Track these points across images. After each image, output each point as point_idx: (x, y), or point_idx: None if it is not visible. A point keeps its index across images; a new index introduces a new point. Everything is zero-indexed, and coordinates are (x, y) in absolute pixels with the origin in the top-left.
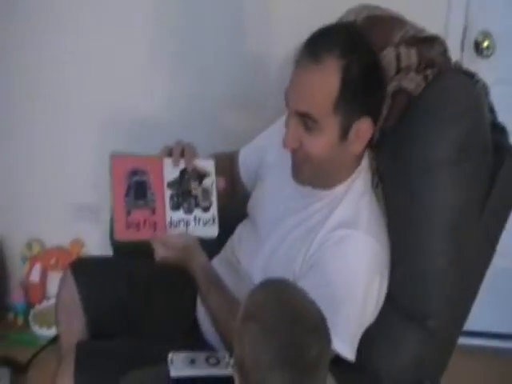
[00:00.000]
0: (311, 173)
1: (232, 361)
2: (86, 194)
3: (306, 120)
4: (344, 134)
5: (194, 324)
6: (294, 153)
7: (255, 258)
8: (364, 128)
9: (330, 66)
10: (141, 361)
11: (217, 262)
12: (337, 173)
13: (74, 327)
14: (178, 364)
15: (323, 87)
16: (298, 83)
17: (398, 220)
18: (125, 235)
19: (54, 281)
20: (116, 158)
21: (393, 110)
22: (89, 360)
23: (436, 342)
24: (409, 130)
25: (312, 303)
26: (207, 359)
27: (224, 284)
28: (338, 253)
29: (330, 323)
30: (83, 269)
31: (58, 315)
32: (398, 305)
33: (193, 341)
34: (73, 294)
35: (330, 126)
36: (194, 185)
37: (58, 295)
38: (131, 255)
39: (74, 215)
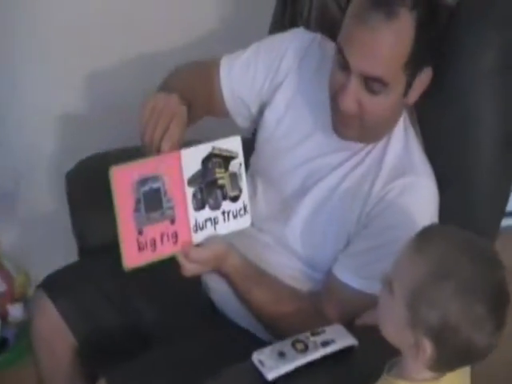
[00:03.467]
0: (363, 130)
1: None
2: None
3: (373, 83)
4: (407, 89)
5: (208, 308)
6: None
7: (287, 222)
8: (425, 78)
9: (405, 22)
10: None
11: None
12: (388, 126)
13: (59, 354)
14: (270, 363)
15: (399, 48)
16: (368, 44)
17: (439, 139)
18: (138, 260)
19: None
20: (118, 170)
21: None
22: None
23: None
24: (452, 42)
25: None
26: (293, 346)
27: (264, 274)
28: (402, 204)
29: None
30: (59, 286)
31: (35, 347)
32: None
33: (218, 326)
34: (53, 319)
35: (398, 85)
36: (219, 173)
37: (34, 326)
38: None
39: None
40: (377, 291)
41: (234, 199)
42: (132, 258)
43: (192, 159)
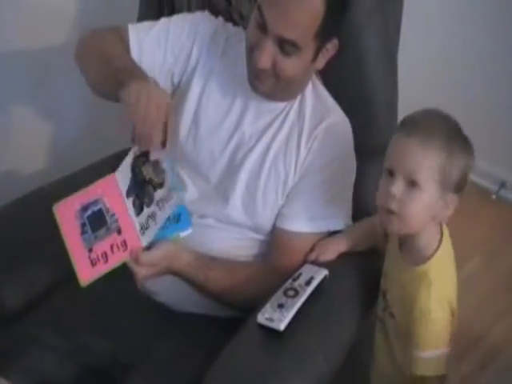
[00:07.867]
0: (276, 88)
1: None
2: None
3: (286, 45)
4: (316, 56)
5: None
6: (264, 70)
7: (227, 201)
8: (331, 48)
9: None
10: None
11: None
12: (299, 86)
13: None
14: (276, 316)
15: (312, 15)
16: (286, 9)
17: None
18: (92, 275)
19: None
20: (59, 205)
21: None
22: None
23: None
24: None
25: None
26: (286, 295)
27: (214, 258)
28: (329, 143)
29: (337, 207)
30: (3, 361)
31: None
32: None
33: (179, 324)
34: None
35: (308, 50)
36: (145, 170)
37: None
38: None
39: None
40: (322, 228)
41: (161, 185)
42: (86, 274)
43: (124, 173)
